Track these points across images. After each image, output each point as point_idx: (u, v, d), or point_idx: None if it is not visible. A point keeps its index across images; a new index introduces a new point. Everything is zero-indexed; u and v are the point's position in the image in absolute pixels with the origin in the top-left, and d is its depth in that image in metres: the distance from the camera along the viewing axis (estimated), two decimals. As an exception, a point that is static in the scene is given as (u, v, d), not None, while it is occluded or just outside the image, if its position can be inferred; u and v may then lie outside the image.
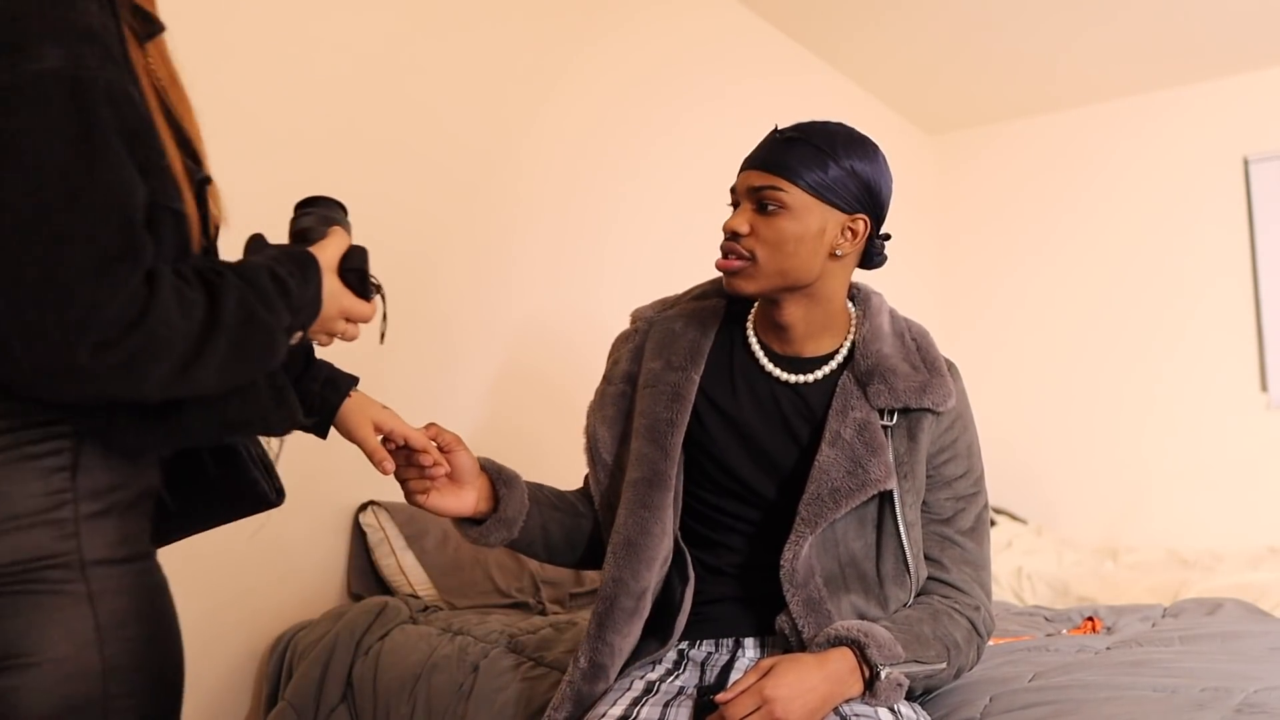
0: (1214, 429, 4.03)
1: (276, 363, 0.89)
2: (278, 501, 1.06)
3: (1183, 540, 3.89)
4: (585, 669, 1.27)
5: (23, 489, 0.81)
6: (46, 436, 0.83)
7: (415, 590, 2.06)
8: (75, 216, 0.73)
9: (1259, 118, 4.05)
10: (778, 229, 1.26)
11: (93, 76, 0.76)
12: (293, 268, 0.89)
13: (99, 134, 0.76)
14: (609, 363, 1.48)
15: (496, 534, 1.31)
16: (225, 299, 0.81)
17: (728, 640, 1.32)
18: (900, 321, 1.39)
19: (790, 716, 1.11)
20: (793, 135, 1.28)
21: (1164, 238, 4.21)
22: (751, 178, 1.29)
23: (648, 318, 1.48)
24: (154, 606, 0.91)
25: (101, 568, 0.85)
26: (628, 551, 1.29)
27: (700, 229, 3.22)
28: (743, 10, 3.56)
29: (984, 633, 1.31)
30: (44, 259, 0.72)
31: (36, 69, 0.74)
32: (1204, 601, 2.09)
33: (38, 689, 0.80)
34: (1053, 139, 4.51)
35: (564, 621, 1.84)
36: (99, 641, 0.83)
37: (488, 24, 2.56)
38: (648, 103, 3.09)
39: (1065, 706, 1.22)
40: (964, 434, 1.35)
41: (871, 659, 1.16)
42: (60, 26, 0.76)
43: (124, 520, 0.88)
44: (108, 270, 0.74)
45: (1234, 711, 1.17)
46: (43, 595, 0.81)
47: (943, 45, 3.85)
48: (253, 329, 0.83)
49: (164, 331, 0.76)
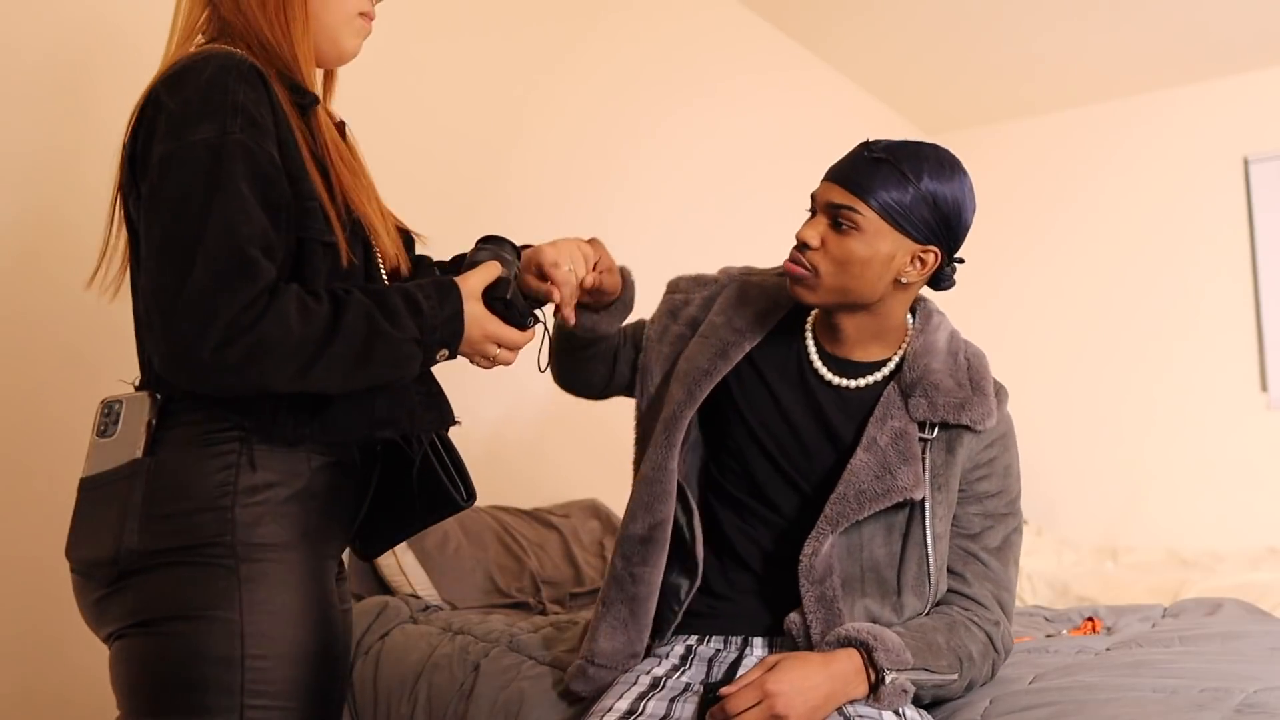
0: (1214, 429, 4.03)
1: (408, 372, 1.06)
2: (467, 504, 1.20)
3: (1183, 540, 3.89)
4: (611, 597, 1.32)
5: (200, 481, 1.02)
6: (220, 440, 1.03)
7: (415, 590, 2.06)
8: (202, 246, 0.94)
9: (1259, 118, 4.05)
10: (847, 249, 1.26)
11: (235, 140, 0.97)
12: (431, 291, 1.06)
13: (229, 182, 0.96)
14: (677, 298, 1.50)
15: (614, 319, 1.38)
16: (347, 313, 1.00)
17: (736, 638, 1.33)
18: (958, 341, 1.39)
19: (791, 712, 1.11)
20: (880, 156, 1.26)
21: (1164, 238, 4.21)
22: (832, 192, 1.28)
23: (732, 275, 1.49)
24: (302, 588, 1.07)
25: (252, 550, 1.03)
26: (644, 486, 1.34)
27: (700, 227, 3.22)
28: (742, 10, 3.56)
29: (1001, 649, 1.31)
30: (177, 280, 0.93)
31: (192, 139, 0.97)
32: (1204, 602, 2.08)
33: (192, 637, 1.01)
34: (1053, 139, 4.51)
35: (565, 621, 1.84)
36: (240, 610, 1.01)
37: (484, 21, 2.56)
38: (645, 101, 3.09)
39: (1066, 708, 1.22)
40: (1003, 454, 1.35)
41: (878, 662, 1.16)
42: (215, 107, 0.98)
43: (279, 514, 1.05)
44: (225, 286, 0.93)
45: (1234, 712, 1.17)
46: (206, 567, 1.01)
47: (943, 45, 3.85)
48: (376, 339, 1.00)
49: (278, 335, 0.95)
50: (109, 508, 1.03)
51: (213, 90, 0.98)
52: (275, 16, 1.08)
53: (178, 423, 1.04)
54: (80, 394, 1.72)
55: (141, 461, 1.03)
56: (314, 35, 1.12)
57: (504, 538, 2.24)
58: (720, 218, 3.32)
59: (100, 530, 1.04)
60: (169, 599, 1.01)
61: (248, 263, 0.95)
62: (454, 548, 2.13)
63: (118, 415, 1.07)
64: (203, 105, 0.98)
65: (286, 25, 1.09)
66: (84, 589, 1.07)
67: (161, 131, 0.98)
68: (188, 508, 1.02)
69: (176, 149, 0.97)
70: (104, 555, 1.03)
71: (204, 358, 0.92)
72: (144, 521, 1.01)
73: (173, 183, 0.96)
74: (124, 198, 1.08)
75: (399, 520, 1.22)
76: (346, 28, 1.15)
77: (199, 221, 0.95)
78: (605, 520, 2.56)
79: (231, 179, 0.96)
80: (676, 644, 1.34)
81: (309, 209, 1.04)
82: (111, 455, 1.05)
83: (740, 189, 3.47)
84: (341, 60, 1.19)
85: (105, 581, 1.04)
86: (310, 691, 1.07)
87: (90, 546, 1.05)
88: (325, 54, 1.15)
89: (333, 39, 1.14)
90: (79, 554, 1.07)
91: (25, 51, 1.74)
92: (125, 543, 1.01)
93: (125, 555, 1.01)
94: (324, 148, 1.10)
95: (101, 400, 1.10)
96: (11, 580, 1.70)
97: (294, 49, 1.10)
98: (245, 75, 1.01)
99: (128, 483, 1.03)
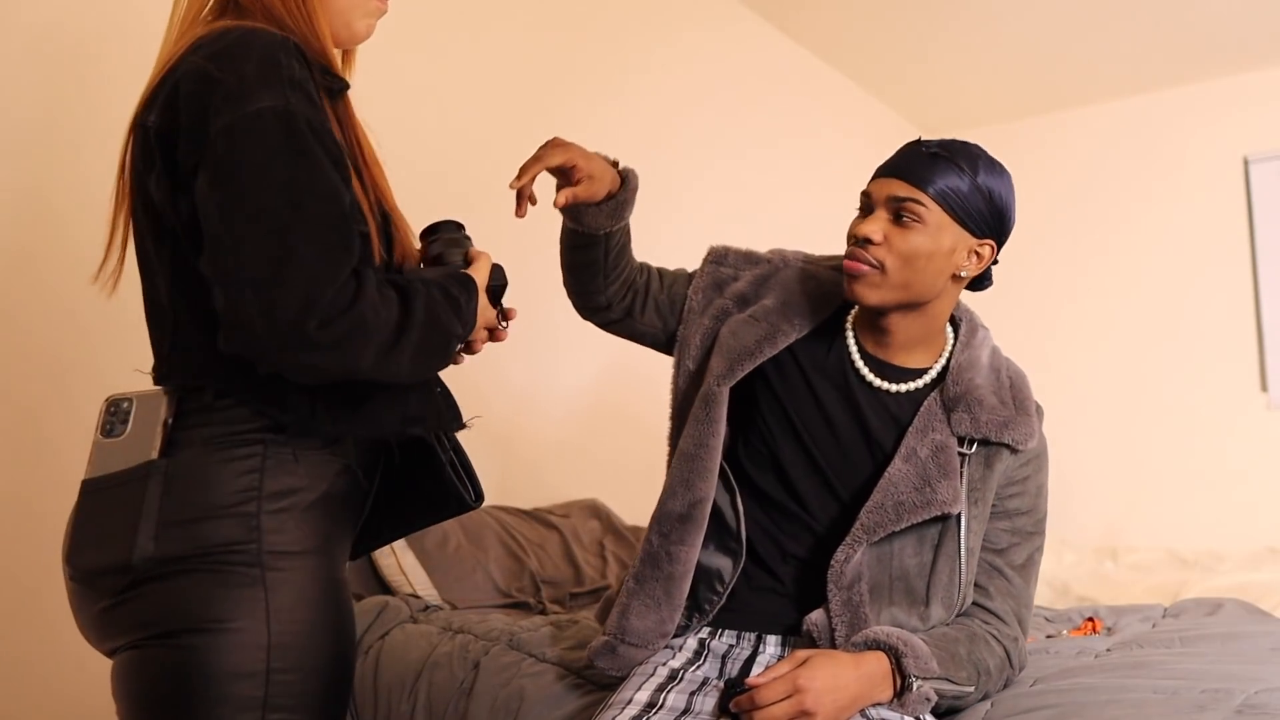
0: (1214, 429, 4.03)
1: (445, 365, 1.06)
2: (476, 504, 1.19)
3: (1183, 540, 3.88)
4: (645, 574, 1.31)
5: (222, 485, 0.98)
6: (245, 443, 0.99)
7: (415, 590, 2.05)
8: (300, 219, 0.90)
9: (1259, 118, 4.05)
10: (912, 243, 1.25)
11: (298, 111, 0.93)
12: (458, 288, 1.05)
13: (311, 152, 0.93)
14: (725, 271, 1.47)
15: (615, 215, 1.37)
16: (415, 301, 0.98)
17: (750, 635, 1.32)
18: (1000, 358, 1.39)
19: (820, 709, 1.11)
20: (937, 151, 1.27)
21: (1164, 238, 4.21)
22: (894, 186, 1.27)
23: (787, 260, 1.47)
24: (324, 597, 1.03)
25: (277, 558, 0.99)
26: (684, 463, 1.33)
27: (701, 227, 3.22)
28: (742, 10, 3.56)
29: (1017, 666, 1.32)
30: (280, 255, 0.88)
31: (255, 109, 0.91)
32: (1204, 602, 2.08)
33: (214, 650, 0.95)
34: (1053, 139, 4.50)
35: (565, 620, 1.84)
36: (267, 621, 0.97)
37: (484, 21, 2.56)
38: (646, 102, 3.09)
39: (1067, 710, 1.22)
40: (1037, 474, 1.36)
41: (906, 669, 1.17)
42: (271, 78, 0.93)
43: (302, 519, 1.02)
44: (329, 261, 0.90)
45: (1234, 712, 1.17)
46: (228, 575, 0.97)
47: (943, 45, 3.85)
48: (435, 330, 0.99)
49: (371, 317, 0.92)
50: (118, 512, 0.98)
51: (267, 64, 0.94)
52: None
53: (197, 422, 0.99)
54: (71, 392, 1.72)
55: (157, 463, 0.98)
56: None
57: (504, 538, 2.24)
58: (721, 217, 3.32)
59: (108, 537, 0.98)
60: (189, 609, 0.96)
61: (348, 235, 0.92)
62: (454, 547, 2.13)
63: (126, 414, 1.01)
64: (260, 77, 0.93)
65: (306, 7, 1.05)
66: (85, 598, 1.02)
67: (218, 103, 0.92)
68: (210, 512, 0.97)
69: (241, 118, 0.91)
70: (113, 563, 0.97)
71: (309, 335, 0.88)
72: (161, 527, 0.96)
73: (249, 150, 0.91)
74: (134, 179, 1.03)
75: (399, 521, 1.20)
76: (359, 9, 1.12)
77: (294, 189, 0.90)
78: (605, 520, 2.56)
79: (310, 147, 0.93)
80: (689, 636, 1.34)
81: (349, 196, 1.01)
82: (121, 456, 1.00)
83: (740, 189, 3.47)
84: (354, 41, 1.15)
85: (112, 591, 0.98)
86: (325, 701, 1.04)
87: (96, 553, 0.99)
88: (338, 35, 1.12)
89: (345, 20, 1.11)
90: (81, 561, 1.01)
91: (20, 37, 1.73)
92: (140, 550, 0.96)
93: (140, 563, 0.96)
94: (353, 135, 1.07)
95: (106, 398, 1.04)
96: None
97: (317, 31, 1.06)
98: (294, 52, 0.97)
99: (141, 485, 0.97)
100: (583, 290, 1.46)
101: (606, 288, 1.44)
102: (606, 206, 1.36)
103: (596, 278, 1.43)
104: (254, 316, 0.88)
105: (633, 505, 2.64)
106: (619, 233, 1.41)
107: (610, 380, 2.88)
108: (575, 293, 1.48)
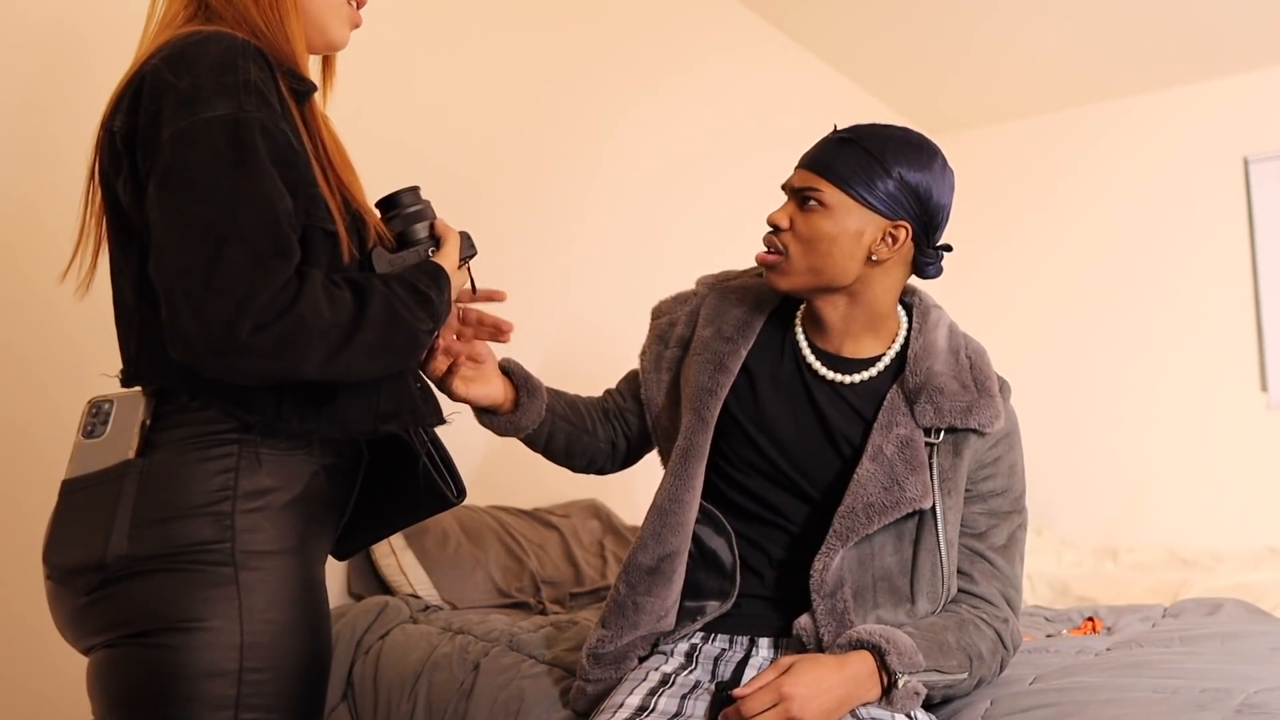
0: (1214, 429, 4.03)
1: (417, 359, 1.08)
2: (457, 500, 1.18)
3: (1183, 540, 3.89)
4: (610, 621, 1.31)
5: (197, 485, 0.98)
6: (220, 443, 0.99)
7: (415, 590, 2.06)
8: (235, 224, 0.90)
9: (1259, 118, 4.05)
10: (813, 226, 1.28)
11: (250, 117, 0.94)
12: (429, 281, 1.06)
13: (252, 159, 0.93)
14: (663, 321, 1.49)
15: (508, 431, 1.39)
16: (371, 300, 0.98)
17: (743, 639, 1.33)
18: (958, 337, 1.38)
19: (806, 715, 1.11)
20: (845, 136, 1.29)
21: (1164, 238, 4.21)
22: (802, 175, 1.31)
23: (709, 284, 1.49)
24: (299, 597, 1.03)
25: (251, 558, 0.99)
26: (656, 516, 1.33)
27: (701, 227, 3.22)
28: (741, 9, 3.56)
29: (1010, 645, 1.31)
30: (212, 258, 0.89)
31: (204, 117, 0.93)
32: (1204, 602, 2.08)
33: (187, 649, 0.96)
34: (1053, 139, 4.50)
35: (565, 621, 1.84)
36: (240, 620, 0.97)
37: (479, 21, 2.56)
38: (643, 101, 3.09)
39: (1067, 709, 1.22)
40: (1008, 453, 1.35)
41: (891, 666, 1.16)
42: (226, 84, 0.94)
43: (277, 519, 1.02)
44: (262, 265, 0.90)
45: (1234, 712, 1.17)
46: (201, 575, 0.97)
47: (942, 45, 3.85)
48: (396, 327, 0.99)
49: (312, 319, 0.92)
50: (94, 511, 0.99)
51: (223, 69, 0.95)
52: (267, 3, 1.05)
53: (174, 423, 1.00)
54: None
55: (133, 463, 0.99)
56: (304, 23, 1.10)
57: (504, 538, 2.24)
58: (721, 217, 3.32)
59: (84, 535, 0.99)
60: (162, 608, 0.96)
61: (284, 242, 0.92)
62: (454, 547, 2.13)
63: (107, 415, 1.02)
64: (214, 83, 0.94)
65: (278, 12, 1.06)
66: (61, 597, 1.02)
67: (170, 110, 0.93)
68: (184, 512, 0.97)
69: (189, 126, 0.92)
70: (87, 561, 0.98)
71: (241, 340, 0.88)
72: (134, 526, 0.97)
73: (192, 159, 0.92)
74: (104, 181, 1.04)
75: (380, 520, 1.19)
76: (335, 16, 1.13)
77: (231, 198, 0.91)
78: (605, 520, 2.56)
79: (255, 155, 0.93)
80: (681, 641, 1.34)
81: (313, 195, 1.01)
82: (99, 457, 1.01)
83: (740, 189, 3.46)
84: (330, 48, 1.16)
85: (86, 589, 0.98)
86: (299, 701, 1.04)
87: (71, 552, 1.00)
88: (313, 42, 1.13)
89: (320, 27, 1.12)
90: (57, 559, 1.01)
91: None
92: (113, 548, 0.96)
93: (113, 561, 0.96)
94: (319, 137, 1.08)
95: (89, 400, 1.05)
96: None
97: (288, 36, 1.06)
98: (253, 56, 0.98)
99: (117, 484, 0.98)
100: (583, 466, 1.50)
101: (596, 444, 1.48)
102: (517, 413, 1.37)
103: (575, 450, 1.46)
104: (188, 323, 0.89)
105: (633, 505, 2.64)
106: (548, 420, 1.41)
107: (611, 381, 2.88)
108: (580, 470, 1.51)
